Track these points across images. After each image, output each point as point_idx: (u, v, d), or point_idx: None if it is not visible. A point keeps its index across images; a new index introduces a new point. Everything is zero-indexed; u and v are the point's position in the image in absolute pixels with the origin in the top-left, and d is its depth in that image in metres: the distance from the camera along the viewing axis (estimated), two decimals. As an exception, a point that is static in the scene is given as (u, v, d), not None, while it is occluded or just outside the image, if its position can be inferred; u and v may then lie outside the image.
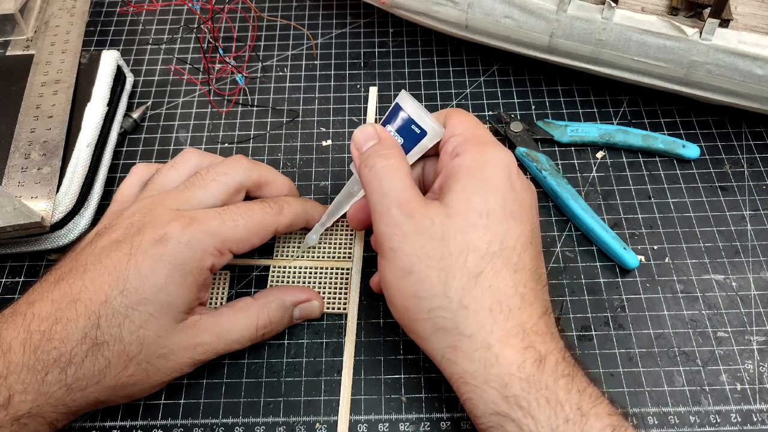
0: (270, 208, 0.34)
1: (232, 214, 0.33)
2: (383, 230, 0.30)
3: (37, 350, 0.28)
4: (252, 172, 0.36)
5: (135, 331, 0.30)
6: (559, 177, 0.41)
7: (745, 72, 0.38)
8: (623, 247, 0.38)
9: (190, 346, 0.32)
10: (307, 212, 0.37)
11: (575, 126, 0.43)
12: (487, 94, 0.47)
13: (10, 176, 0.38)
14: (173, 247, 0.31)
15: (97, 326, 0.29)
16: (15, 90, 0.43)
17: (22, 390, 0.28)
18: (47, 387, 0.28)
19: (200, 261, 0.31)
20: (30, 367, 0.28)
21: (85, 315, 0.29)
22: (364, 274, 0.38)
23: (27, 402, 0.28)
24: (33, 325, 0.29)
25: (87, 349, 0.29)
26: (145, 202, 0.33)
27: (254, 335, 0.34)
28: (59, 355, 0.29)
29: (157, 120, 0.46)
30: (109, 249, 0.31)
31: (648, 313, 0.37)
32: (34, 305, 0.30)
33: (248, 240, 0.33)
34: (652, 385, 0.34)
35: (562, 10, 0.40)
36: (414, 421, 0.34)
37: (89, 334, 0.29)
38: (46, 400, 0.29)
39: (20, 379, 0.28)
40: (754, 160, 0.43)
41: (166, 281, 0.30)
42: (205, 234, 0.32)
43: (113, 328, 0.29)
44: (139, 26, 0.52)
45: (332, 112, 0.46)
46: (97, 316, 0.29)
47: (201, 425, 0.34)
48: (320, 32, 0.51)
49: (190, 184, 0.34)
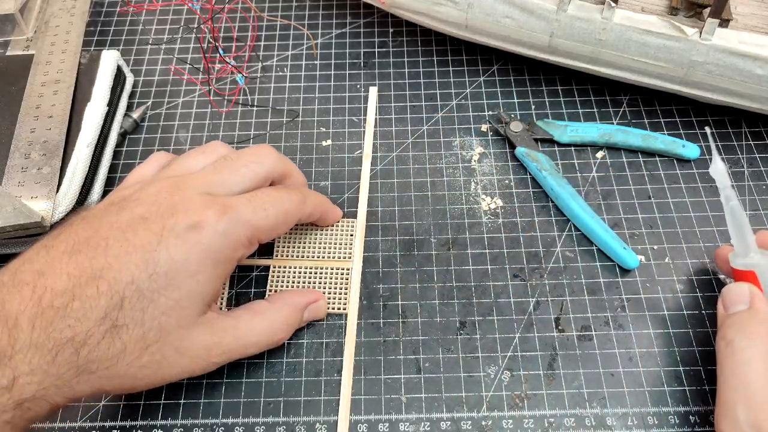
0: (296, 196, 0.34)
1: (262, 203, 0.32)
2: (724, 429, 0.27)
3: (49, 327, 0.26)
4: (280, 162, 0.35)
5: (157, 317, 0.28)
6: (559, 177, 0.41)
7: (745, 72, 0.38)
8: (623, 247, 0.38)
9: (208, 345, 0.31)
10: (322, 204, 0.37)
11: (575, 126, 0.43)
12: (487, 94, 0.47)
13: (10, 176, 0.38)
14: (209, 236, 0.29)
15: (120, 307, 0.27)
16: (15, 90, 0.43)
17: (28, 371, 0.26)
18: (56, 368, 0.26)
19: (233, 251, 0.31)
20: (39, 346, 0.26)
21: (107, 294, 0.27)
22: (364, 274, 0.38)
23: (33, 384, 0.26)
24: (45, 299, 0.27)
25: (105, 331, 0.27)
26: (170, 180, 0.32)
27: (270, 340, 0.33)
28: (74, 335, 0.27)
29: (157, 120, 0.46)
30: (135, 226, 0.29)
31: (648, 313, 0.37)
32: (45, 276, 0.27)
33: (276, 229, 0.33)
34: (652, 385, 0.34)
35: (562, 10, 0.40)
36: (414, 421, 0.34)
37: (110, 314, 0.27)
38: (53, 381, 0.27)
39: (27, 359, 0.26)
40: (754, 160, 0.43)
41: (197, 269, 0.29)
42: (238, 224, 0.30)
43: (136, 311, 0.28)
44: (139, 26, 0.52)
45: (332, 112, 0.46)
46: (121, 297, 0.27)
47: (201, 425, 0.34)
48: (320, 32, 0.51)
49: (220, 167, 0.33)
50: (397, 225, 0.40)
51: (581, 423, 0.33)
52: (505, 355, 0.36)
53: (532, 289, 0.38)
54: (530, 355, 0.36)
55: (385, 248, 0.39)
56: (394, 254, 0.39)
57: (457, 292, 0.38)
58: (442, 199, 0.42)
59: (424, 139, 0.44)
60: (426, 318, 0.37)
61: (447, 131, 0.45)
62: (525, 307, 0.37)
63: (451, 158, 0.43)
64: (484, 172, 0.43)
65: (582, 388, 0.34)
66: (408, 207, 0.41)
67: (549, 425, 0.33)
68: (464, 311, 0.37)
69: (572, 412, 0.34)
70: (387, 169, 0.43)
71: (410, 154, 0.44)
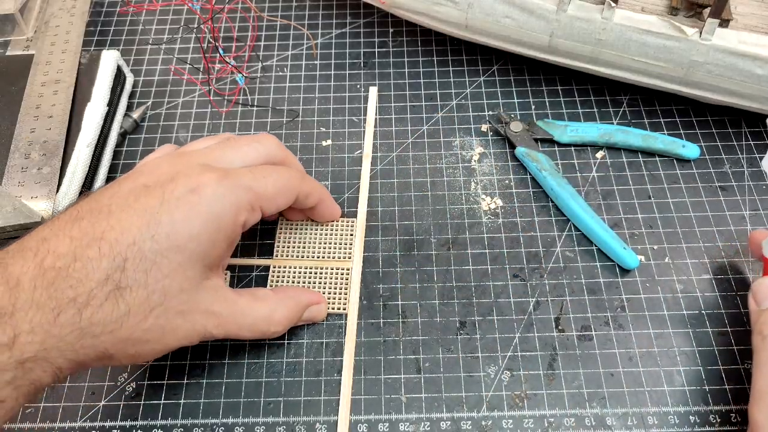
0: (295, 172, 0.35)
1: (263, 171, 0.33)
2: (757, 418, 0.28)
3: (51, 287, 0.26)
4: (280, 149, 0.36)
5: (161, 279, 0.28)
6: (559, 177, 0.41)
7: (745, 72, 0.38)
8: (623, 247, 0.38)
9: (208, 311, 0.31)
10: (321, 191, 0.37)
11: (575, 126, 0.43)
12: (487, 94, 0.47)
13: (10, 176, 0.38)
14: (210, 197, 0.30)
15: (123, 269, 0.27)
16: (15, 90, 0.43)
17: (29, 330, 0.26)
18: (58, 329, 0.26)
19: (235, 215, 0.31)
20: (41, 305, 0.26)
21: (109, 255, 0.27)
22: (364, 274, 0.38)
23: (34, 344, 0.26)
24: (47, 261, 0.27)
25: (108, 292, 0.27)
26: (171, 157, 0.33)
27: (266, 329, 0.34)
28: (76, 295, 0.27)
29: (157, 120, 0.46)
30: (137, 193, 0.30)
31: (648, 313, 0.37)
32: (48, 241, 0.28)
33: (276, 198, 0.33)
34: (652, 385, 0.34)
35: (562, 10, 0.40)
36: (414, 421, 0.34)
37: (112, 276, 0.27)
38: (56, 343, 0.26)
39: (28, 317, 0.26)
40: (754, 159, 0.43)
41: (199, 230, 0.29)
42: (239, 188, 0.31)
43: (139, 273, 0.28)
44: (139, 26, 0.52)
45: (332, 112, 0.46)
46: (123, 258, 0.27)
47: (201, 425, 0.34)
48: (320, 32, 0.51)
49: (223, 145, 0.34)
50: (397, 225, 0.40)
51: (581, 423, 0.33)
52: (505, 355, 0.36)
53: (532, 289, 0.38)
54: (530, 355, 0.36)
55: (385, 248, 0.39)
56: (394, 254, 0.39)
57: (457, 292, 0.38)
58: (442, 199, 0.42)
59: (424, 139, 0.44)
60: (426, 318, 0.37)
61: (447, 131, 0.45)
62: (525, 307, 0.37)
63: (451, 158, 0.43)
64: (484, 172, 0.43)
65: (582, 388, 0.34)
66: (408, 207, 0.41)
67: (549, 425, 0.33)
68: (464, 311, 0.37)
69: (572, 412, 0.34)
70: (387, 169, 0.43)
71: (410, 154, 0.44)
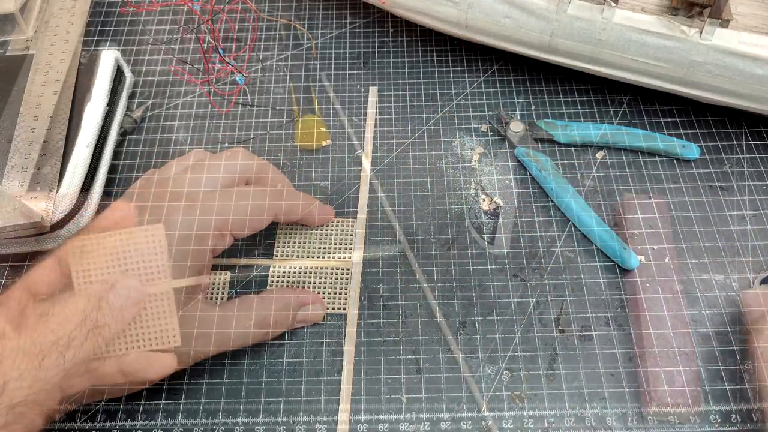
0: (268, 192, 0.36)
1: (229, 196, 0.34)
2: None
3: (34, 334, 0.28)
4: (252, 162, 0.37)
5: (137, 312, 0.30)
6: (559, 177, 0.41)
7: (745, 72, 0.38)
8: (623, 247, 0.38)
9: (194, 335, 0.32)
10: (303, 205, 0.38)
11: (575, 126, 0.43)
12: (487, 94, 0.47)
13: (10, 176, 0.38)
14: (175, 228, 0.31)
15: (98, 308, 0.29)
16: (15, 90, 0.43)
17: (17, 376, 0.27)
18: (44, 372, 0.28)
19: (201, 242, 0.32)
20: (26, 351, 0.27)
21: (85, 296, 0.29)
22: (365, 274, 0.38)
23: (23, 389, 0.27)
24: (29, 308, 0.28)
25: (87, 332, 0.28)
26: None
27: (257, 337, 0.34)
28: (57, 339, 0.28)
29: (157, 120, 0.46)
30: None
31: (648, 313, 0.37)
32: (29, 287, 0.29)
33: (246, 222, 0.34)
34: (652, 385, 0.34)
35: (562, 10, 0.40)
36: (414, 421, 0.34)
37: (90, 316, 0.29)
38: (43, 386, 0.28)
39: (15, 364, 0.27)
40: (755, 159, 0.43)
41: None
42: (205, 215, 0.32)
43: (114, 309, 0.29)
44: (139, 26, 0.52)
45: (332, 112, 0.46)
46: (98, 297, 0.29)
47: (201, 426, 0.34)
48: (320, 32, 0.51)
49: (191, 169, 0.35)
50: (397, 225, 0.40)
51: (581, 423, 0.33)
52: (505, 354, 0.36)
53: (532, 289, 0.38)
54: (530, 354, 0.36)
55: (385, 248, 0.39)
56: (394, 254, 0.39)
57: (457, 292, 0.38)
58: (442, 199, 0.42)
59: (424, 139, 0.44)
60: (426, 318, 0.37)
61: (447, 131, 0.45)
62: (525, 306, 0.37)
63: (451, 158, 0.43)
64: (484, 172, 0.43)
65: (582, 387, 0.34)
66: (408, 207, 0.41)
67: (549, 425, 0.33)
68: (464, 311, 0.37)
69: (572, 412, 0.34)
70: (387, 169, 0.43)
71: (410, 154, 0.44)
